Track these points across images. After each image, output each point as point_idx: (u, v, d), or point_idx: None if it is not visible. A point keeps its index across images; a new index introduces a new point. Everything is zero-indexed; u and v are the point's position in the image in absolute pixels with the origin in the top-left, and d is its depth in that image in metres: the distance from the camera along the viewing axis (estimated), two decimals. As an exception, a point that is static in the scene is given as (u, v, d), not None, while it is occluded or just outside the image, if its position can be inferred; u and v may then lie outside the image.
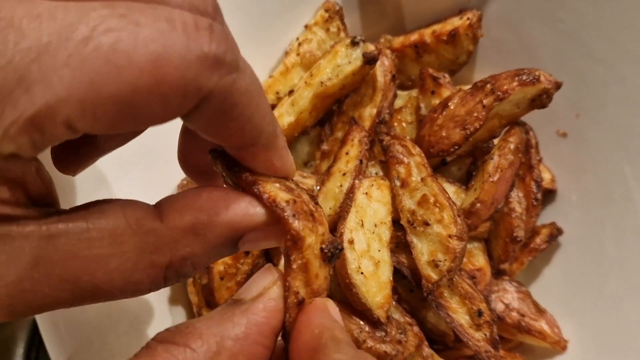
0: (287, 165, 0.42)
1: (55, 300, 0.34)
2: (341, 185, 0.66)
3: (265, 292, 0.40)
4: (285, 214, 0.39)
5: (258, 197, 0.40)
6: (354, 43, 0.70)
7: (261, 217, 0.39)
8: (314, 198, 0.43)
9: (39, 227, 0.33)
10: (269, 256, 0.71)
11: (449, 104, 0.68)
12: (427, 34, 0.75)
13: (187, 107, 0.33)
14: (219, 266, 0.64)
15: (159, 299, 0.69)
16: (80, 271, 0.34)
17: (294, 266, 0.40)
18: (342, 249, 0.43)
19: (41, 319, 0.55)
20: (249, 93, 0.35)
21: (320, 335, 0.37)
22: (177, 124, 0.72)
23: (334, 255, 0.42)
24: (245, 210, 0.38)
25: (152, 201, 0.70)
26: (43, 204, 0.35)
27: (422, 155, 0.67)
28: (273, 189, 0.40)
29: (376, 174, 0.69)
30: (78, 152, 0.45)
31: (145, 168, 0.69)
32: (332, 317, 0.40)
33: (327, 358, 0.34)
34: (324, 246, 0.41)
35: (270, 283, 0.40)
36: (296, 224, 0.39)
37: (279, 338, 0.40)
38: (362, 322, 0.59)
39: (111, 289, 0.35)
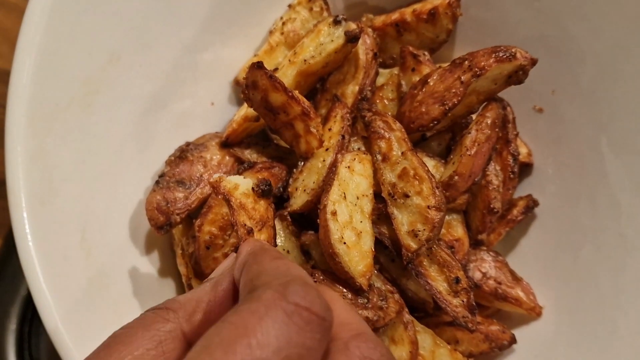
0: None
1: None
2: (324, 160, 0.68)
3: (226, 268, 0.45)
4: None
5: None
6: (337, 22, 0.72)
7: None
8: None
9: None
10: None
11: (429, 80, 0.70)
12: (407, 13, 0.77)
13: None
14: (205, 235, 0.66)
15: (149, 272, 0.71)
16: None
17: (233, 206, 0.53)
18: (270, 185, 0.59)
19: (32, 287, 0.57)
20: None
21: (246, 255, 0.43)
22: (165, 106, 0.74)
23: (264, 192, 0.57)
24: None
25: (142, 180, 0.71)
26: None
27: (403, 130, 0.69)
28: None
29: (358, 149, 0.72)
30: None
31: (136, 150, 0.72)
32: (259, 242, 0.46)
33: (249, 269, 0.39)
34: (254, 187, 0.57)
35: (230, 261, 0.45)
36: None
37: None
38: (345, 290, 0.62)
39: None
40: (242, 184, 0.58)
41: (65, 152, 0.63)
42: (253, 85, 0.66)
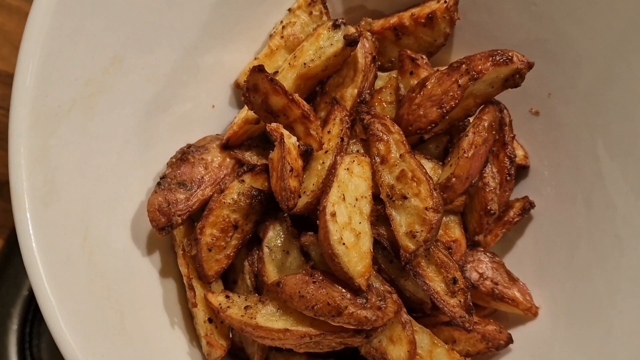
0: None
1: None
2: (323, 162, 0.69)
3: None
4: None
5: None
6: (336, 26, 0.73)
7: None
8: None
9: None
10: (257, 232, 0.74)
11: (427, 84, 0.71)
12: (406, 17, 0.78)
13: None
14: (207, 238, 0.67)
15: (150, 272, 0.72)
16: None
17: (284, 146, 0.64)
18: (312, 150, 0.69)
19: (36, 288, 0.58)
20: None
21: None
22: (167, 108, 0.74)
23: (305, 151, 0.68)
24: None
25: (144, 181, 0.72)
26: None
27: (401, 133, 0.70)
28: None
29: (357, 151, 0.72)
30: None
31: (137, 151, 0.72)
32: None
33: None
34: (300, 144, 0.67)
35: None
36: None
37: None
38: (344, 290, 0.63)
39: None
40: (293, 137, 0.68)
41: (67, 154, 0.64)
42: (254, 88, 0.67)
